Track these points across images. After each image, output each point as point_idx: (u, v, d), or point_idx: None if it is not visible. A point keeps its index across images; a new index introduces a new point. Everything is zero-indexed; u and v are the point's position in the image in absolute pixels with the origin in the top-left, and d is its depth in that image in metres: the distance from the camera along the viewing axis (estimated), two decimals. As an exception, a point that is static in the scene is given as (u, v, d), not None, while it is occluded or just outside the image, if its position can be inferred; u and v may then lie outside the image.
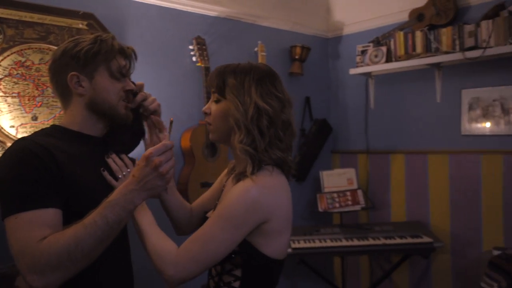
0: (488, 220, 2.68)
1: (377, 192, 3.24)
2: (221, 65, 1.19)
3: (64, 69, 1.11)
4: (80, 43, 1.10)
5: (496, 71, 2.60)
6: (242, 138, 1.10)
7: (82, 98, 1.12)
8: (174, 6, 2.46)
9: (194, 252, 1.03)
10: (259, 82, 1.13)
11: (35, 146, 1.00)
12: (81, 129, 1.14)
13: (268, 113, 1.11)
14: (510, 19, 2.38)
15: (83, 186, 1.05)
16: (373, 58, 2.99)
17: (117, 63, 1.14)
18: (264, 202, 1.05)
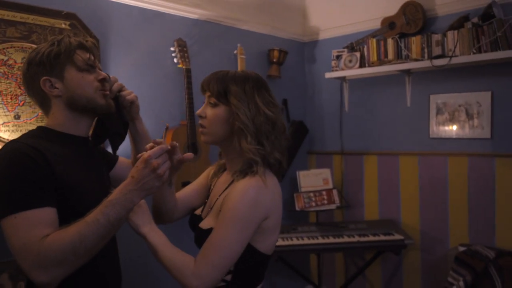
0: (454, 218, 2.84)
1: (351, 191, 3.36)
2: (218, 71, 1.26)
3: (34, 78, 1.16)
4: (40, 50, 1.17)
5: (461, 78, 2.77)
6: (250, 141, 1.19)
7: (60, 99, 1.17)
8: (156, 8, 2.49)
9: (212, 259, 1.10)
10: (258, 90, 1.23)
11: (26, 148, 1.05)
12: (65, 129, 1.19)
13: (272, 119, 1.22)
14: (474, 30, 2.54)
15: (73, 185, 1.11)
16: (348, 63, 3.12)
17: (79, 57, 1.18)
18: (263, 200, 1.15)
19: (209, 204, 1.33)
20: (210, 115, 1.24)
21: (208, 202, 1.35)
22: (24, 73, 1.19)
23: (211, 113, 1.24)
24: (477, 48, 2.52)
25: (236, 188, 1.15)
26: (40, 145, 1.08)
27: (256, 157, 1.18)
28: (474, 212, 2.76)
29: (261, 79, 1.27)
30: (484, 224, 2.72)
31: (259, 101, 1.21)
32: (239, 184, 1.15)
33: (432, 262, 2.95)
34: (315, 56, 3.59)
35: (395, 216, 3.12)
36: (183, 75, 2.54)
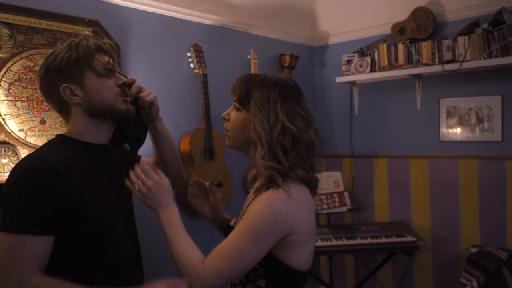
0: (465, 219, 2.89)
1: (361, 194, 3.40)
2: (246, 74, 1.21)
3: (53, 84, 1.12)
4: (58, 55, 1.12)
5: (471, 82, 2.82)
6: (263, 154, 1.10)
7: (80, 107, 1.14)
8: (173, 15, 2.54)
9: (220, 268, 1.05)
10: (285, 99, 1.13)
11: (43, 167, 1.02)
12: (84, 138, 1.16)
13: (293, 133, 1.10)
14: (484, 36, 2.60)
15: (89, 201, 1.09)
16: (358, 68, 3.16)
17: (98, 61, 1.13)
18: (288, 214, 1.06)
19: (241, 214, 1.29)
20: (232, 118, 1.20)
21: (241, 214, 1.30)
22: (41, 78, 1.14)
23: (233, 117, 1.19)
24: (488, 53, 2.58)
25: (259, 199, 1.09)
26: (57, 160, 1.05)
27: (271, 172, 1.09)
28: (485, 213, 2.80)
29: (294, 86, 1.18)
30: (495, 225, 2.76)
31: (280, 111, 1.11)
32: (262, 196, 1.09)
33: (443, 263, 2.99)
34: (325, 61, 3.64)
35: (406, 218, 3.17)
36: (199, 80, 2.58)
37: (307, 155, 1.14)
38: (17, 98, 1.88)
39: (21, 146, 1.88)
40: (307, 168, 1.14)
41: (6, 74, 1.84)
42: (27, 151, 1.88)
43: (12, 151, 1.85)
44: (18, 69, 1.88)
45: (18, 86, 1.88)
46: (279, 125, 1.10)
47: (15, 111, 1.87)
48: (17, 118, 1.87)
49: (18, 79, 1.88)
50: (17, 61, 1.87)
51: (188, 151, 2.49)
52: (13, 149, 1.85)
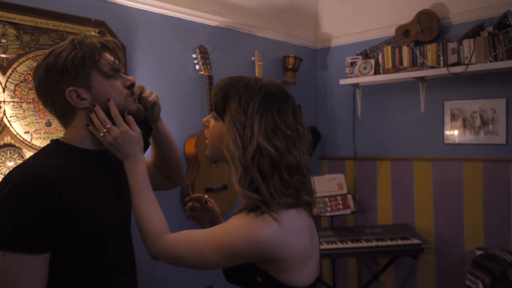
0: (469, 222, 2.89)
1: (364, 196, 3.40)
2: (228, 78, 1.05)
3: (56, 87, 1.00)
4: (61, 54, 1.00)
5: (476, 85, 2.83)
6: (239, 178, 0.96)
7: (87, 111, 1.04)
8: (178, 15, 2.51)
9: (181, 252, 1.01)
10: (265, 112, 0.97)
11: (39, 179, 0.92)
12: (84, 144, 1.06)
13: (271, 155, 0.94)
14: (490, 39, 2.60)
15: (87, 211, 0.99)
16: (362, 70, 3.16)
17: (105, 61, 1.04)
18: (273, 243, 0.93)
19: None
20: (210, 127, 1.07)
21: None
22: (41, 80, 1.01)
23: (211, 126, 1.07)
24: (494, 56, 2.58)
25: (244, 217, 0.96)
26: (54, 171, 0.95)
27: (250, 201, 0.96)
28: (489, 216, 2.81)
29: (278, 97, 1.00)
30: (499, 228, 2.77)
31: (258, 127, 0.95)
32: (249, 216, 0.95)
33: (446, 266, 2.99)
34: (327, 63, 3.63)
35: (409, 221, 3.16)
36: (204, 82, 2.56)
37: (291, 179, 0.97)
38: (23, 100, 1.84)
39: (26, 149, 1.84)
40: (294, 193, 0.97)
41: (12, 75, 1.81)
42: (33, 154, 1.84)
43: (18, 154, 1.81)
44: (24, 70, 1.84)
45: (24, 87, 1.85)
46: (254, 145, 0.94)
47: (20, 113, 1.83)
48: (22, 120, 1.84)
49: (24, 80, 1.84)
50: (23, 62, 1.84)
51: (194, 153, 2.46)
52: (19, 152, 1.81)
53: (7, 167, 1.78)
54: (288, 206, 0.96)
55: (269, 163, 0.94)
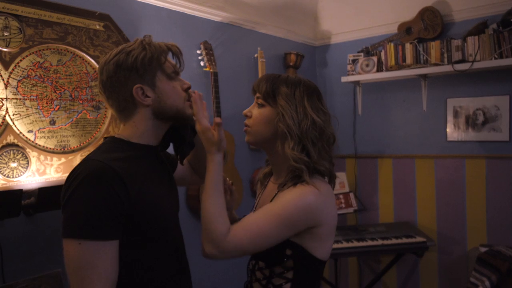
0: (472, 219, 2.90)
1: (365, 194, 3.38)
2: (269, 74, 1.25)
3: (124, 83, 1.07)
4: (131, 53, 1.07)
5: (479, 82, 2.84)
6: (293, 145, 1.15)
7: (149, 108, 1.10)
8: (182, 10, 2.43)
9: (243, 242, 1.09)
10: (309, 95, 1.20)
11: (107, 171, 0.97)
12: (141, 139, 1.11)
13: (320, 126, 1.17)
14: (494, 36, 2.61)
15: (149, 205, 1.05)
16: (364, 67, 3.14)
17: (169, 63, 1.12)
18: (318, 208, 1.11)
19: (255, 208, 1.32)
20: (255, 114, 1.23)
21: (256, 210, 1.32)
22: (110, 75, 1.07)
23: (256, 113, 1.23)
24: (499, 53, 2.59)
25: (289, 191, 1.13)
26: (119, 166, 1.00)
27: (300, 165, 1.14)
28: (493, 213, 2.82)
29: (314, 85, 1.24)
30: (502, 224, 2.79)
31: (308, 105, 1.18)
32: (292, 189, 1.13)
33: (449, 263, 3.00)
34: (327, 60, 3.60)
35: (411, 218, 3.16)
36: (209, 78, 2.49)
37: (329, 149, 1.20)
38: (26, 97, 1.74)
39: (30, 149, 1.73)
40: (330, 160, 1.20)
41: (14, 70, 1.70)
42: (37, 154, 1.75)
43: (22, 154, 1.70)
44: (27, 65, 1.73)
45: (27, 83, 1.74)
46: (308, 118, 1.16)
47: (23, 111, 1.73)
48: (26, 119, 1.73)
49: (27, 76, 1.74)
50: (26, 56, 1.73)
51: (200, 152, 2.39)
52: (22, 152, 1.70)
53: (10, 168, 1.67)
54: (326, 172, 1.18)
55: (317, 132, 1.16)
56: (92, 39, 1.95)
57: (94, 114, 1.97)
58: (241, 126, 3.00)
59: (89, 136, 1.95)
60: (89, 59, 1.93)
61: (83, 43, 1.91)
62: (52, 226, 1.84)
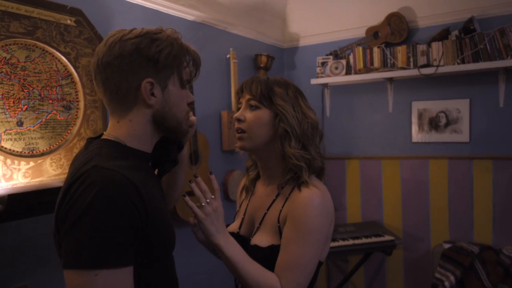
0: (435, 217, 3.03)
1: (333, 195, 3.40)
2: (257, 76, 1.27)
3: (135, 71, 0.91)
4: (156, 42, 0.92)
5: (442, 86, 2.97)
6: (294, 144, 1.16)
7: (150, 110, 0.95)
8: (156, 7, 2.35)
9: (298, 279, 1.08)
10: (301, 96, 1.24)
11: (124, 182, 0.82)
12: (138, 145, 0.97)
13: (314, 123, 1.22)
14: (457, 42, 2.75)
15: (161, 218, 0.92)
16: (334, 70, 3.19)
17: (188, 70, 0.99)
18: (328, 206, 1.15)
19: (250, 219, 1.28)
20: (250, 118, 1.20)
21: (247, 218, 1.30)
22: (122, 54, 0.90)
23: (251, 116, 1.20)
24: (461, 59, 2.73)
25: (297, 201, 1.12)
26: (132, 175, 0.85)
27: (300, 163, 1.15)
28: (454, 211, 2.97)
29: (297, 86, 1.27)
30: (463, 221, 2.94)
31: (302, 104, 1.21)
32: (299, 197, 1.12)
33: (415, 260, 3.12)
34: (295, 62, 3.63)
35: (378, 218, 3.26)
36: (183, 79, 2.42)
37: (320, 144, 1.25)
38: (-9, 96, 1.59)
39: (-5, 153, 1.59)
40: (322, 156, 1.24)
41: (-22, 66, 1.56)
42: (3, 157, 1.61)
43: (-13, 159, 1.56)
44: (-8, 61, 1.59)
45: (-8, 81, 1.60)
46: (307, 117, 1.19)
47: (-12, 111, 1.58)
48: (-9, 119, 1.59)
49: (-8, 73, 1.59)
50: (-9, 51, 1.59)
51: (175, 154, 2.31)
52: (-12, 156, 1.56)
53: (-27, 174, 1.52)
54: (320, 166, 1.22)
55: (311, 129, 1.19)
56: (63, 34, 1.83)
57: (64, 114, 1.84)
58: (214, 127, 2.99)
59: (59, 138, 1.82)
60: (60, 56, 1.81)
61: (54, 39, 1.79)
62: (21, 236, 1.70)
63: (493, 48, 2.65)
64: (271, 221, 1.19)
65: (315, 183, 1.15)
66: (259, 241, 1.18)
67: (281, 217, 1.16)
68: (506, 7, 2.76)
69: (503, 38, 2.62)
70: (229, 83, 2.89)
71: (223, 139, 2.84)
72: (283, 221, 1.15)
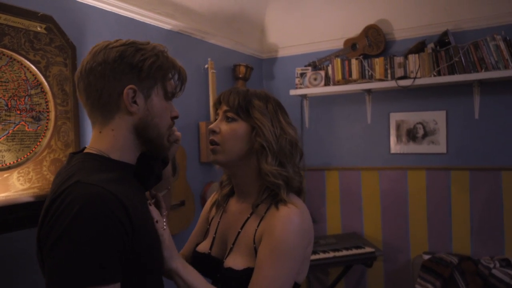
0: (414, 228, 3.04)
1: (313, 206, 3.40)
2: (231, 88, 1.20)
3: (118, 77, 0.91)
4: (141, 51, 0.92)
5: (419, 98, 3.01)
6: (271, 160, 1.10)
7: (131, 118, 0.93)
8: (131, 16, 2.29)
9: None
10: (281, 110, 1.18)
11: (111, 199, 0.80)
12: (122, 156, 0.94)
13: (293, 140, 1.16)
14: (433, 55, 2.79)
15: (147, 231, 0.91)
16: (313, 81, 3.19)
17: (173, 82, 0.99)
18: (307, 226, 1.08)
19: (222, 239, 1.20)
20: (225, 130, 1.13)
21: (219, 237, 1.21)
22: (106, 60, 0.90)
23: (227, 128, 1.13)
24: (437, 71, 2.77)
25: (275, 219, 1.05)
26: (117, 190, 0.82)
27: (278, 180, 1.09)
28: (432, 221, 2.98)
29: (279, 101, 1.22)
30: (441, 232, 2.95)
31: (282, 119, 1.16)
32: (277, 215, 1.05)
33: (395, 271, 3.11)
34: (273, 73, 3.61)
35: (358, 229, 3.24)
36: (159, 89, 2.36)
37: (299, 162, 1.19)
38: (-48, 106, 1.49)
39: (-43, 166, 1.49)
40: (301, 176, 1.18)
41: None
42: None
43: None
44: (-46, 69, 1.50)
45: (-46, 90, 1.50)
46: (285, 133, 1.13)
47: (-51, 122, 1.48)
48: (-48, 131, 1.49)
49: (-46, 81, 1.50)
50: (-46, 59, 1.50)
51: (151, 167, 2.24)
52: None
53: None
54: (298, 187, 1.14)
55: (290, 146, 1.13)
56: (32, 42, 1.74)
57: (33, 126, 1.75)
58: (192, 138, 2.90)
59: (27, 150, 1.73)
60: (29, 65, 1.72)
61: (22, 46, 1.70)
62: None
63: (467, 61, 2.70)
64: (246, 241, 1.10)
65: (294, 201, 1.08)
66: (234, 264, 1.10)
67: (257, 236, 1.08)
68: (478, 22, 2.82)
69: (477, 51, 2.67)
70: (208, 93, 2.84)
71: (201, 150, 2.78)
72: (259, 241, 1.07)
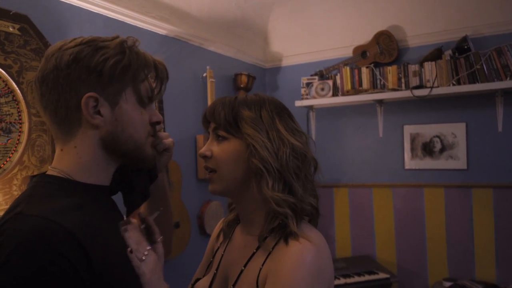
0: (432, 251, 2.77)
1: (320, 226, 3.11)
2: (220, 98, 0.97)
3: (74, 86, 0.74)
4: (102, 50, 0.75)
5: (435, 109, 2.77)
6: (272, 184, 0.89)
7: (97, 132, 0.77)
8: (123, 19, 2.09)
9: None
10: (279, 115, 0.94)
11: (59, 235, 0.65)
12: (87, 178, 0.78)
13: (301, 151, 0.92)
14: (452, 62, 2.56)
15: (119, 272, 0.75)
16: (320, 91, 2.97)
17: (147, 84, 0.81)
18: (323, 265, 0.86)
19: (224, 275, 1.00)
20: (217, 153, 0.93)
21: (220, 273, 1.01)
22: (58, 67, 0.74)
23: (218, 151, 0.93)
24: (456, 80, 2.54)
25: (283, 258, 0.85)
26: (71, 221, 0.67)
27: (283, 209, 0.88)
28: (453, 244, 2.72)
29: (279, 102, 0.99)
30: (463, 257, 2.68)
31: (281, 128, 0.92)
32: (286, 253, 0.85)
33: (411, 298, 2.84)
34: (277, 83, 3.40)
35: (370, 252, 2.98)
36: (152, 99, 2.14)
37: (312, 177, 0.97)
38: None
39: None
40: (315, 194, 0.97)
41: None
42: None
43: None
44: None
45: None
46: (286, 144, 0.91)
47: None
48: None
49: None
50: None
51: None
52: None
53: None
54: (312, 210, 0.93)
55: (298, 160, 0.92)
56: (3, 44, 1.54)
57: (3, 139, 1.53)
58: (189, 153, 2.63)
59: (-5, 167, 1.50)
60: (-1, 69, 1.52)
61: (-9, 49, 1.50)
62: None
63: (490, 68, 2.47)
64: (249, 281, 0.90)
65: (306, 234, 0.86)
66: None
67: (261, 277, 0.88)
68: (500, 27, 2.60)
69: (501, 58, 2.44)
70: (206, 104, 2.62)
71: (198, 166, 2.54)
72: (262, 282, 0.87)
